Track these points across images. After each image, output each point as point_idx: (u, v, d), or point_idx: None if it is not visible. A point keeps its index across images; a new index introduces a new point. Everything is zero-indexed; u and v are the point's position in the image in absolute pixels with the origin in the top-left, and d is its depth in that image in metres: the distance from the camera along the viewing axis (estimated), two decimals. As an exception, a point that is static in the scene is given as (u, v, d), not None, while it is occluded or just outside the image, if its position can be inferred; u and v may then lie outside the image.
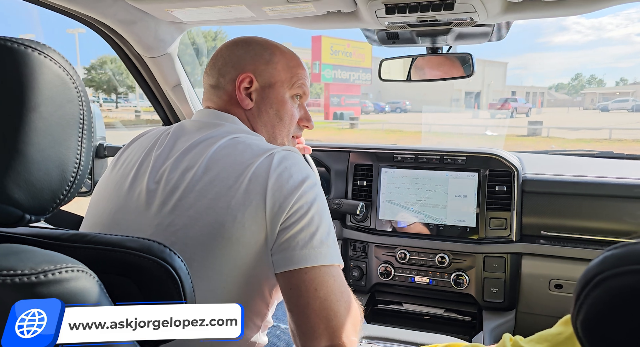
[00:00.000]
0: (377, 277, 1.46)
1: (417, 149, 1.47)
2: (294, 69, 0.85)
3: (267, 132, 0.85)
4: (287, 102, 0.85)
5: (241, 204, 0.67)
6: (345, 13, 1.13)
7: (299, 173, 0.71)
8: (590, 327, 0.39)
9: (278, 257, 0.68)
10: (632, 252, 0.37)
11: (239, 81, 0.81)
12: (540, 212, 1.34)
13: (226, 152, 0.73)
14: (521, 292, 1.36)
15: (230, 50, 0.84)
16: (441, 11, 0.98)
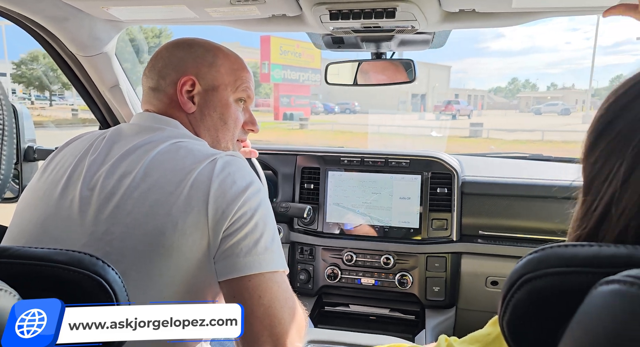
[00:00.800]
0: (324, 279, 1.47)
1: (363, 152, 1.50)
2: (237, 72, 0.83)
3: (210, 137, 0.82)
4: (231, 105, 0.83)
5: (182, 211, 0.65)
6: (290, 17, 1.13)
7: (243, 179, 0.70)
8: (514, 326, 0.41)
9: (221, 265, 0.67)
10: (550, 256, 0.39)
11: (181, 84, 0.78)
12: (478, 212, 1.41)
13: (167, 158, 0.70)
14: (461, 290, 1.42)
15: (171, 52, 0.81)
16: (383, 19, 1.00)
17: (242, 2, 0.99)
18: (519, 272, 0.40)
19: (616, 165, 0.42)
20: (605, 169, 0.43)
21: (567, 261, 0.38)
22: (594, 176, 0.45)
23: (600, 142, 0.45)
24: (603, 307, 0.32)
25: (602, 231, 0.43)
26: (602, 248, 0.37)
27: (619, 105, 0.44)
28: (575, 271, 0.37)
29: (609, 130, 0.44)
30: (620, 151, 0.42)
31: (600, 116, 0.46)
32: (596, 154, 0.45)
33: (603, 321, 0.32)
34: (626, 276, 0.32)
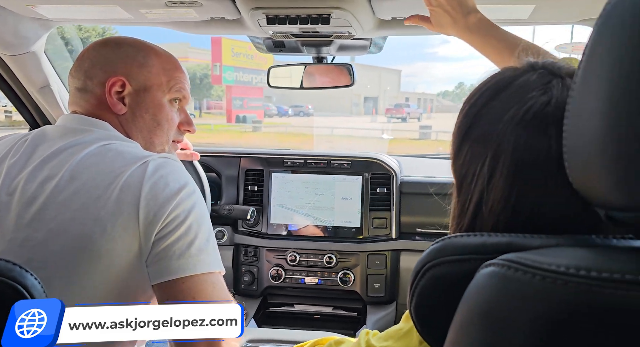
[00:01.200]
0: (268, 280, 1.48)
1: (306, 154, 1.52)
2: (171, 72, 0.82)
3: (143, 138, 0.81)
4: (165, 106, 0.82)
5: (111, 215, 0.65)
6: (230, 20, 1.14)
7: (176, 181, 0.69)
8: (421, 311, 0.45)
9: (154, 268, 0.66)
10: (447, 245, 0.44)
11: (110, 85, 0.76)
12: (416, 211, 1.47)
13: (94, 160, 0.69)
14: (400, 286, 1.47)
15: (98, 52, 0.79)
16: (319, 24, 1.03)
17: (178, 5, 0.98)
18: (423, 262, 0.44)
19: (479, 167, 0.47)
20: (470, 171, 0.48)
21: (461, 249, 0.42)
22: (463, 177, 0.50)
23: (464, 146, 0.50)
24: (480, 287, 0.36)
25: (477, 226, 0.48)
26: (489, 237, 0.42)
27: (473, 113, 0.50)
28: (466, 258, 0.41)
29: (469, 135, 0.49)
30: (481, 154, 0.47)
31: (460, 123, 0.51)
32: (462, 157, 0.50)
33: (479, 299, 0.36)
34: (500, 259, 0.36)
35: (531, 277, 0.33)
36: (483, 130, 0.48)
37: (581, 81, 0.36)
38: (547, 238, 0.40)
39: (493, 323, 0.35)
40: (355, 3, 0.97)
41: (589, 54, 0.35)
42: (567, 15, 0.98)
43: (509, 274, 0.34)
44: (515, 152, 0.44)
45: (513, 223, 0.45)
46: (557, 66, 0.49)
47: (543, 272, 0.32)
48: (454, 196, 0.53)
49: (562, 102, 0.43)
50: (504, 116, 0.46)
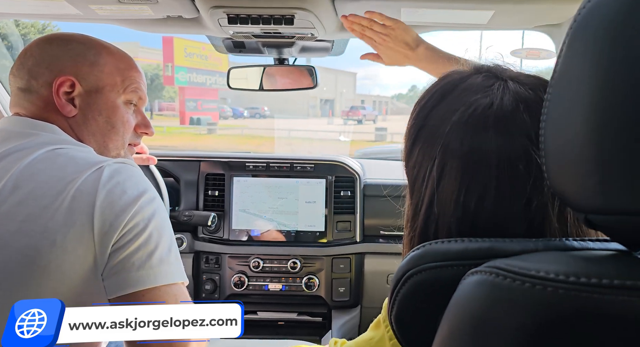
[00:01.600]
0: (230, 288, 1.43)
1: (268, 157, 1.49)
2: (125, 71, 0.77)
3: (96, 142, 0.76)
4: (120, 108, 0.76)
5: (62, 226, 0.59)
6: (187, 19, 1.09)
7: (134, 188, 0.65)
8: (402, 320, 0.44)
9: (111, 281, 0.62)
10: (429, 252, 0.43)
11: (57, 85, 0.71)
12: (379, 213, 1.48)
13: (42, 167, 0.63)
14: (364, 289, 1.47)
15: (43, 49, 0.73)
16: (282, 25, 1.01)
17: (132, 1, 0.93)
18: (404, 269, 0.43)
19: (429, 168, 0.48)
20: (421, 173, 0.49)
21: (442, 255, 0.41)
22: (414, 179, 0.50)
23: (415, 148, 0.50)
24: (468, 295, 0.36)
25: (430, 230, 0.48)
26: (470, 243, 0.41)
27: (423, 116, 0.51)
28: (448, 265, 0.40)
29: (420, 138, 0.50)
30: (430, 156, 0.48)
31: (411, 125, 0.52)
32: (413, 159, 0.50)
33: (468, 307, 0.35)
34: (487, 267, 0.35)
35: (520, 285, 0.32)
36: (432, 132, 0.48)
37: (558, 84, 0.36)
38: (525, 242, 0.40)
39: (483, 331, 0.34)
40: (318, 4, 0.96)
41: (566, 57, 0.35)
42: (523, 21, 1.01)
43: (498, 282, 0.33)
44: (462, 153, 0.45)
45: (464, 225, 0.46)
46: (500, 69, 0.50)
47: (532, 279, 0.32)
48: (407, 198, 0.54)
49: (504, 105, 0.45)
50: (451, 118, 0.47)
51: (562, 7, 0.88)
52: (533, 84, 0.47)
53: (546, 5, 0.88)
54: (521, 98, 0.45)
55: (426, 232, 0.48)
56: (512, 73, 0.49)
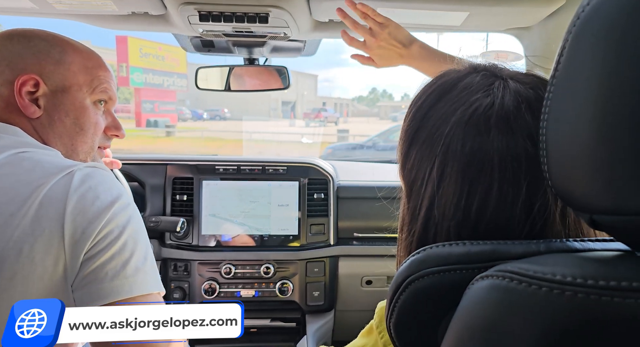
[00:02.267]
0: (200, 296, 1.38)
1: (239, 160, 1.45)
2: (93, 70, 0.73)
3: (64, 145, 0.71)
4: (89, 108, 0.72)
5: (29, 234, 0.55)
6: (154, 15, 1.04)
7: (107, 193, 0.61)
8: (401, 328, 0.42)
9: (82, 292, 0.58)
10: (430, 256, 0.41)
11: (19, 84, 0.66)
12: (353, 216, 1.47)
13: (5, 172, 0.58)
14: (339, 292, 1.46)
15: (3, 46, 0.67)
16: (256, 23, 0.98)
17: (95, -6, 0.87)
18: (404, 275, 0.41)
19: (428, 170, 0.47)
20: (420, 175, 0.48)
21: (444, 259, 0.40)
22: (412, 181, 0.49)
23: (412, 150, 0.49)
24: (479, 301, 0.34)
25: (430, 233, 0.47)
26: (472, 246, 0.40)
27: (420, 116, 0.49)
28: (450, 269, 0.39)
29: (417, 139, 0.49)
30: (430, 157, 0.47)
31: (407, 127, 0.51)
32: (410, 161, 0.49)
33: (479, 314, 0.34)
34: (497, 271, 0.34)
35: (537, 289, 0.31)
36: (431, 132, 0.47)
37: (561, 83, 0.35)
38: (527, 244, 0.39)
39: (496, 339, 0.33)
40: (294, 2, 0.94)
41: (569, 55, 0.35)
42: (496, 24, 1.03)
43: (512, 287, 0.32)
44: (463, 154, 0.44)
45: (465, 228, 0.45)
46: (498, 68, 0.50)
47: (548, 283, 0.31)
48: (404, 202, 0.52)
49: (505, 104, 0.44)
50: (451, 118, 0.45)
51: (534, 10, 0.91)
52: (533, 83, 0.47)
53: (519, 8, 0.89)
54: (522, 97, 0.45)
55: (425, 236, 0.47)
56: (510, 72, 0.48)
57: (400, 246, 0.52)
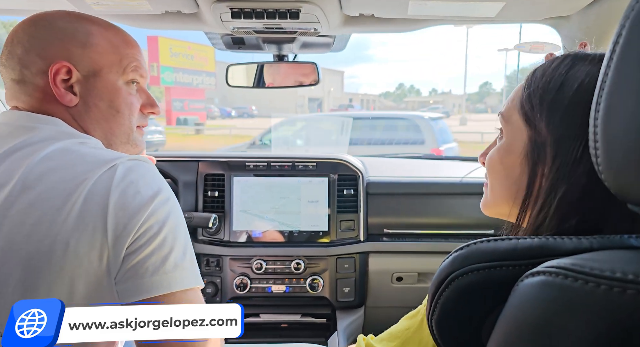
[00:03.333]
0: (232, 291, 1.40)
1: (269, 156, 1.46)
2: (121, 48, 0.70)
3: (102, 130, 0.70)
4: (122, 89, 0.70)
5: (74, 229, 0.56)
6: (186, 14, 1.06)
7: (148, 187, 0.61)
8: (443, 325, 0.42)
9: (124, 286, 0.59)
10: (474, 252, 0.40)
11: (53, 73, 0.64)
12: (382, 212, 1.46)
13: (52, 165, 0.59)
14: (369, 289, 1.45)
15: (29, 34, 0.66)
16: (287, 19, 0.98)
17: (130, -5, 0.89)
18: (447, 271, 0.40)
19: (576, 142, 0.46)
20: (564, 145, 0.47)
21: (489, 255, 0.39)
22: (559, 138, 0.47)
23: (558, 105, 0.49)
24: (530, 298, 0.33)
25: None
26: (519, 241, 0.39)
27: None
28: (497, 265, 0.38)
29: (561, 99, 0.49)
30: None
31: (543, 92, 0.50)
32: (558, 113, 0.48)
33: (531, 311, 0.33)
34: (549, 267, 0.33)
35: (595, 287, 0.30)
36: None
37: (619, 72, 0.33)
38: (578, 240, 0.38)
39: (548, 338, 0.32)
40: (325, -3, 0.93)
41: (626, 43, 0.33)
42: (532, 13, 1.00)
43: (567, 284, 0.31)
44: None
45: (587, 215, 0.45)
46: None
47: (607, 280, 0.29)
48: (526, 167, 0.50)
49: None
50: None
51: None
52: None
53: (558, -4, 0.86)
54: None
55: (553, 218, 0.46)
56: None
57: (529, 220, 0.50)
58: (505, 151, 0.53)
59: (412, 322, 0.61)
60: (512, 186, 0.52)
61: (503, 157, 0.53)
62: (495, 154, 0.55)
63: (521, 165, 0.51)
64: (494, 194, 0.56)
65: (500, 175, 0.54)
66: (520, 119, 0.51)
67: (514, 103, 0.53)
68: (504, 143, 0.54)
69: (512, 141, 0.53)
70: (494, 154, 0.55)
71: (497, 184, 0.55)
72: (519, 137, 0.52)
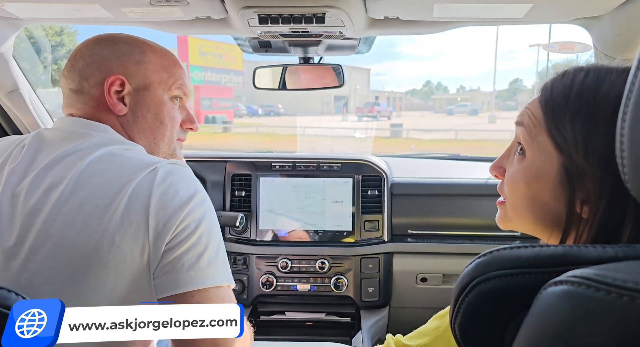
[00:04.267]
0: (259, 289, 1.43)
1: (294, 157, 1.49)
2: (169, 68, 0.79)
3: (146, 139, 0.77)
4: (167, 104, 0.78)
5: (119, 226, 0.61)
6: (215, 19, 1.09)
7: (186, 189, 0.66)
8: (466, 328, 0.42)
9: (161, 280, 0.63)
10: (497, 259, 0.41)
11: (108, 84, 0.72)
12: (407, 212, 1.46)
13: (100, 168, 0.65)
14: (393, 289, 1.46)
15: (92, 50, 0.74)
16: (313, 24, 1.00)
17: (163, 3, 0.93)
18: (469, 276, 0.41)
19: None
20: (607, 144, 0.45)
21: (511, 262, 0.39)
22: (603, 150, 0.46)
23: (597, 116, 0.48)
24: (553, 307, 0.33)
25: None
26: (542, 249, 0.39)
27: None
28: (519, 272, 0.38)
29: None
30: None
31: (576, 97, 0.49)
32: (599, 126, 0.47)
33: (552, 321, 0.33)
34: (571, 276, 0.33)
35: (617, 298, 0.30)
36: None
37: None
38: (602, 249, 0.38)
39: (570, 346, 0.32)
40: (350, 2, 0.94)
41: None
42: (561, 14, 0.98)
43: (589, 294, 0.31)
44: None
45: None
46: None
47: (630, 292, 0.29)
48: (561, 194, 0.49)
49: None
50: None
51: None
52: None
53: (588, -3, 0.84)
54: None
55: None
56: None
57: (587, 226, 0.49)
58: (533, 175, 0.52)
59: (441, 321, 0.62)
60: (542, 210, 0.51)
61: (530, 181, 0.52)
62: (520, 175, 0.53)
63: (552, 190, 0.50)
64: (517, 213, 0.55)
65: (526, 197, 0.53)
66: (550, 143, 0.50)
67: (538, 121, 0.51)
68: (531, 165, 0.52)
69: (541, 165, 0.51)
70: (519, 175, 0.53)
71: (521, 205, 0.53)
72: (549, 161, 0.50)
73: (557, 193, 0.49)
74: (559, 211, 0.50)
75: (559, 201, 0.49)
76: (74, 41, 17.33)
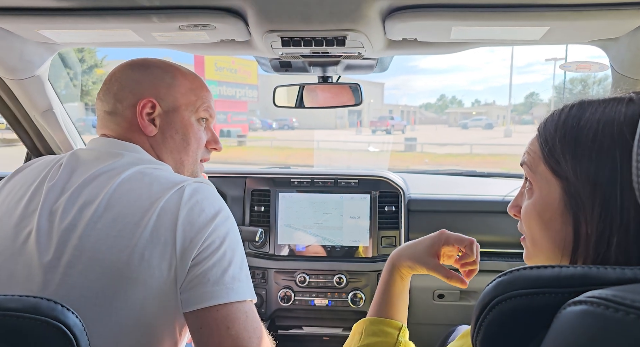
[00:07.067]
0: (277, 303, 1.45)
1: (313, 173, 1.51)
2: (197, 91, 0.83)
3: (173, 159, 0.81)
4: (194, 125, 0.82)
5: (149, 242, 0.64)
6: (239, 42, 1.13)
7: (211, 206, 0.69)
8: (486, 345, 0.44)
9: (188, 295, 0.65)
10: (518, 278, 0.42)
11: (140, 107, 0.77)
12: (424, 228, 1.46)
13: (131, 186, 0.68)
14: (411, 305, 1.45)
15: (126, 74, 0.79)
16: (334, 46, 1.03)
17: (191, 28, 0.97)
18: (491, 295, 0.42)
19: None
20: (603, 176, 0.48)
21: (533, 282, 0.40)
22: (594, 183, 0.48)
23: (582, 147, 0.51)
24: (572, 327, 0.35)
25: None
26: (562, 269, 0.40)
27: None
28: (540, 292, 0.39)
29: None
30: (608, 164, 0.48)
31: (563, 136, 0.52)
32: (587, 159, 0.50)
33: (571, 340, 0.34)
34: (590, 297, 0.34)
35: (636, 319, 0.31)
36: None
37: None
38: (621, 270, 0.39)
39: None
40: (369, 25, 0.98)
41: None
42: (578, 36, 1.00)
43: (608, 315, 0.32)
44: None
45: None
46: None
47: None
48: (568, 217, 0.51)
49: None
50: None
51: (621, 22, 0.87)
52: None
53: (604, 21, 0.86)
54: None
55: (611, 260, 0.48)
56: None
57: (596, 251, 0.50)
58: (541, 205, 0.54)
59: (466, 340, 0.62)
60: (557, 237, 0.53)
61: (541, 211, 0.54)
62: (531, 208, 0.55)
63: (561, 215, 0.51)
64: (537, 247, 0.56)
65: (541, 228, 0.54)
66: (548, 171, 0.53)
67: (536, 154, 0.55)
68: (538, 197, 0.54)
69: (546, 194, 0.53)
70: (530, 209, 0.55)
71: (539, 238, 0.55)
72: (552, 189, 0.52)
73: (565, 218, 0.51)
74: (572, 235, 0.51)
75: (568, 224, 0.51)
76: (94, 58, 17.74)
